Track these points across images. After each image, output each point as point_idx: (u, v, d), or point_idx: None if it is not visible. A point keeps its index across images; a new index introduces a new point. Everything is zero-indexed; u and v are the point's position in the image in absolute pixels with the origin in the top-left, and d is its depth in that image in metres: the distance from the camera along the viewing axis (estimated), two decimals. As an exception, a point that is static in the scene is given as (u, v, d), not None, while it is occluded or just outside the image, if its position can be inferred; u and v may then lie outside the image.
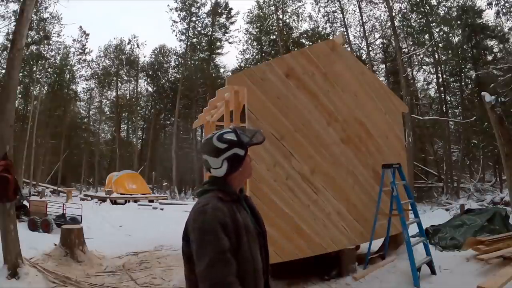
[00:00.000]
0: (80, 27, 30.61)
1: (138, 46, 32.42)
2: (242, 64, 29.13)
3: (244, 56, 30.04)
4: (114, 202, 17.41)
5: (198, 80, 30.85)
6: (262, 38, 29.51)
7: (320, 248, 4.70)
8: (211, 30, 30.87)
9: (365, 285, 4.61)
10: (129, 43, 32.32)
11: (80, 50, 30.75)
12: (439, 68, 21.82)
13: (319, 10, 26.48)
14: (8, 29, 22.41)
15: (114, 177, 19.95)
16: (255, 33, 29.82)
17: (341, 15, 25.26)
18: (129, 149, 35.08)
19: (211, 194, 1.42)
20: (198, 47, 30.80)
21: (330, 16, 26.04)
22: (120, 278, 5.22)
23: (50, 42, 27.22)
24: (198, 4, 30.10)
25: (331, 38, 18.20)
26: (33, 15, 21.11)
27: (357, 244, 5.37)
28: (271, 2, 28.43)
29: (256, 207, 1.61)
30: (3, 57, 24.34)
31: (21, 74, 23.14)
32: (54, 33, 27.20)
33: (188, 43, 30.33)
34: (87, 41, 30.95)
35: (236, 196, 1.47)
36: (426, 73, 24.17)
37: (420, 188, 18.40)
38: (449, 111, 23.13)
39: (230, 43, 31.68)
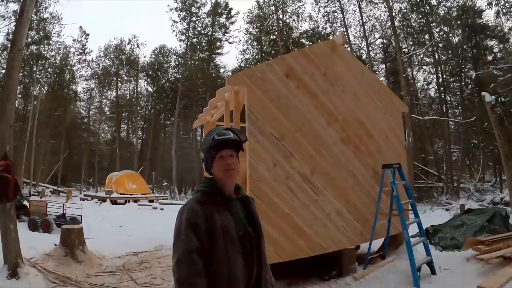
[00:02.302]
0: (80, 27, 30.76)
1: (138, 46, 32.59)
2: (242, 64, 29.19)
3: (244, 56, 30.12)
4: (114, 202, 17.42)
5: (198, 80, 30.86)
6: (262, 38, 29.53)
7: (320, 248, 4.69)
8: (211, 30, 30.92)
9: (365, 285, 4.60)
10: (129, 43, 32.46)
11: (80, 50, 30.87)
12: (439, 68, 21.84)
13: (319, 10, 26.58)
14: (8, 29, 22.47)
15: (114, 177, 19.95)
16: (255, 33, 29.84)
17: (341, 15, 25.34)
18: (129, 149, 35.08)
19: (195, 195, 1.51)
20: (198, 47, 30.83)
21: (330, 16, 26.11)
22: (120, 278, 5.21)
23: (50, 42, 27.24)
24: (198, 4, 30.19)
25: (331, 38, 18.21)
26: (33, 15, 21.12)
27: (357, 244, 5.37)
28: (271, 2, 28.46)
29: (255, 209, 1.59)
30: (3, 57, 24.36)
31: (21, 74, 23.14)
32: (54, 33, 27.30)
33: (188, 43, 30.37)
34: (87, 41, 31.09)
35: (220, 198, 1.48)
36: (426, 73, 24.25)
37: (420, 188, 18.40)
38: (449, 111, 23.15)
39: (230, 43, 31.80)
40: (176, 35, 31.92)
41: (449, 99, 23.47)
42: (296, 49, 21.78)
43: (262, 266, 1.52)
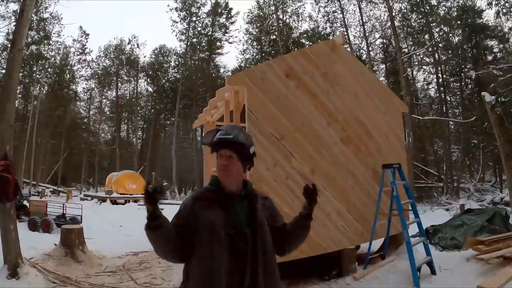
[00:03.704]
0: (80, 27, 30.71)
1: (138, 46, 32.56)
2: (242, 64, 29.18)
3: (244, 56, 30.12)
4: (114, 202, 17.42)
5: (198, 80, 30.86)
6: (262, 38, 29.52)
7: (320, 248, 4.69)
8: (211, 30, 30.91)
9: (365, 285, 4.60)
10: (129, 43, 32.44)
11: (80, 50, 30.84)
12: (439, 68, 21.84)
13: (319, 10, 26.59)
14: (8, 29, 22.45)
15: (114, 177, 19.96)
16: (255, 33, 29.84)
17: (341, 15, 25.35)
18: (129, 149, 35.06)
19: (196, 191, 1.65)
20: (198, 47, 30.82)
21: (330, 16, 26.11)
22: (120, 278, 5.21)
23: (50, 42, 27.23)
24: (198, 4, 30.18)
25: (331, 38, 18.20)
26: (33, 15, 21.11)
27: (357, 244, 5.37)
28: (271, 2, 28.46)
29: (258, 207, 1.54)
30: (3, 57, 24.35)
31: (21, 74, 23.13)
32: (54, 33, 27.29)
33: (188, 43, 30.36)
34: (87, 41, 31.05)
35: (215, 194, 1.51)
36: (426, 73, 24.25)
37: (420, 188, 18.40)
38: (449, 111, 23.15)
39: (230, 43, 31.79)
40: (176, 35, 31.97)
41: (449, 99, 23.48)
42: (296, 49, 21.79)
43: (259, 269, 1.43)
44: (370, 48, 24.45)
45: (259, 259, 1.45)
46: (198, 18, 30.47)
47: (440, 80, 22.10)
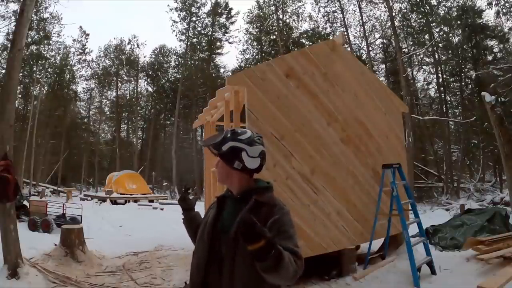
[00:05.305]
0: (80, 27, 30.65)
1: (138, 46, 32.52)
2: (242, 64, 29.16)
3: (244, 56, 30.09)
4: (114, 202, 17.41)
5: (198, 80, 30.84)
6: (262, 38, 29.51)
7: (320, 248, 4.70)
8: (211, 30, 30.90)
9: (365, 285, 4.61)
10: (129, 43, 32.41)
11: (80, 50, 30.79)
12: (439, 68, 21.84)
13: (319, 10, 26.58)
14: (8, 29, 22.44)
15: (114, 177, 19.93)
16: (255, 33, 29.83)
17: (341, 15, 25.34)
18: (129, 149, 35.05)
19: None
20: (198, 47, 30.80)
21: (330, 16, 26.11)
22: (120, 278, 5.21)
23: (50, 42, 27.23)
24: (198, 4, 30.16)
25: (331, 38, 18.19)
26: (33, 15, 21.10)
27: (357, 244, 5.37)
28: (271, 2, 28.45)
29: (246, 213, 1.31)
30: (3, 57, 24.35)
31: (21, 74, 23.11)
32: (54, 33, 27.26)
33: (188, 43, 30.35)
34: (87, 41, 31.00)
35: (220, 196, 1.57)
36: (426, 73, 24.25)
37: (420, 188, 18.39)
38: (449, 111, 23.15)
39: (230, 43, 31.76)
40: (176, 35, 31.93)
41: (449, 99, 23.48)
42: (296, 49, 21.79)
43: (223, 275, 1.35)
44: (370, 48, 24.47)
45: (225, 263, 1.37)
46: (198, 18, 30.49)
47: (440, 80, 22.11)
